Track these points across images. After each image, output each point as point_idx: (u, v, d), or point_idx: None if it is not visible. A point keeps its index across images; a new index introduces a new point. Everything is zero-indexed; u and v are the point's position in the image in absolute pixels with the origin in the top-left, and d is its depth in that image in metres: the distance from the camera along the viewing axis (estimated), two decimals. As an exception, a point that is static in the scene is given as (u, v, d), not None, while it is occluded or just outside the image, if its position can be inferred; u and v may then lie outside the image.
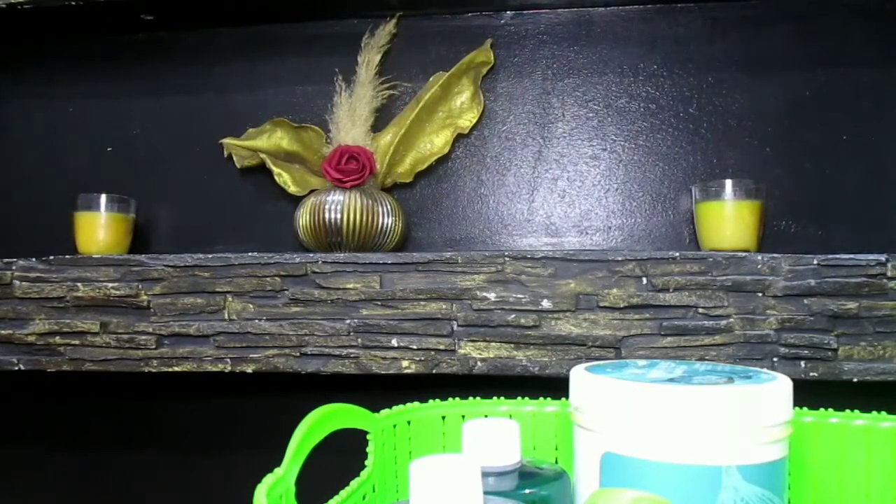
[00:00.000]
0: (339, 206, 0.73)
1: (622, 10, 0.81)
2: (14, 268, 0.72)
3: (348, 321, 0.67)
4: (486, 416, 0.51)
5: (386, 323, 0.66)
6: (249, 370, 0.68)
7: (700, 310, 0.63)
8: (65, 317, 0.71)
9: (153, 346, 0.70)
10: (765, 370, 0.43)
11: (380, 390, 0.75)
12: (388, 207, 0.75)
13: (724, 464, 0.36)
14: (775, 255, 0.62)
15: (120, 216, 0.78)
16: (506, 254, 0.65)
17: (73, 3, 0.79)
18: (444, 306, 0.66)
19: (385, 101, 0.80)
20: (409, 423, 0.52)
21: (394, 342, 0.66)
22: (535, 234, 0.81)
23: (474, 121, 0.81)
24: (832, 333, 0.61)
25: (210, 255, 0.69)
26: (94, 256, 0.72)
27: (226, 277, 0.69)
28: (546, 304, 0.64)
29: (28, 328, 0.71)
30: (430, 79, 0.81)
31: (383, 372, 0.66)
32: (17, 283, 0.72)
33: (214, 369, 0.69)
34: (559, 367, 0.64)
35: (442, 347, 0.66)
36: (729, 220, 0.68)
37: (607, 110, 0.81)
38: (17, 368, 0.71)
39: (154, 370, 0.70)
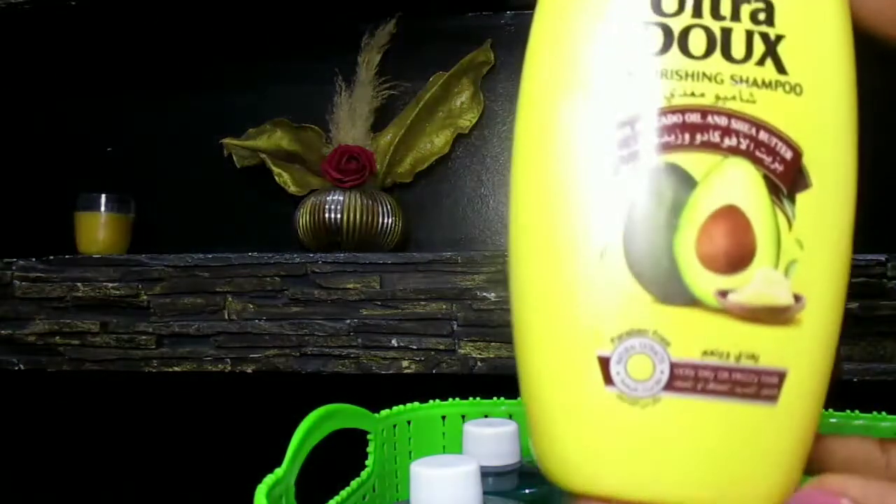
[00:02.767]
0: (339, 206, 0.73)
1: (622, 10, 0.81)
2: (14, 268, 0.72)
3: (348, 321, 0.67)
4: (486, 416, 0.51)
5: (386, 323, 0.66)
6: (249, 370, 0.68)
7: (700, 310, 0.62)
8: (65, 317, 0.71)
9: (153, 346, 0.70)
10: (765, 370, 0.43)
11: (380, 390, 0.75)
12: (388, 207, 0.75)
13: (724, 464, 0.36)
14: (775, 255, 0.62)
15: (120, 216, 0.78)
16: (506, 254, 0.65)
17: (74, 3, 0.79)
18: (444, 306, 0.66)
19: (385, 101, 0.80)
20: (408, 423, 0.52)
21: (394, 342, 0.66)
22: (535, 234, 0.81)
23: (474, 121, 0.81)
24: (832, 333, 0.61)
25: (210, 255, 0.69)
26: (94, 256, 0.72)
27: (226, 277, 0.69)
28: (546, 304, 0.64)
29: (28, 328, 0.71)
30: (430, 79, 0.81)
31: (383, 372, 0.66)
32: (17, 283, 0.72)
33: (214, 369, 0.69)
34: (559, 367, 0.64)
35: (442, 347, 0.66)
36: (729, 220, 0.68)
37: (607, 110, 0.81)
38: (17, 368, 0.71)
39: (154, 370, 0.70)
